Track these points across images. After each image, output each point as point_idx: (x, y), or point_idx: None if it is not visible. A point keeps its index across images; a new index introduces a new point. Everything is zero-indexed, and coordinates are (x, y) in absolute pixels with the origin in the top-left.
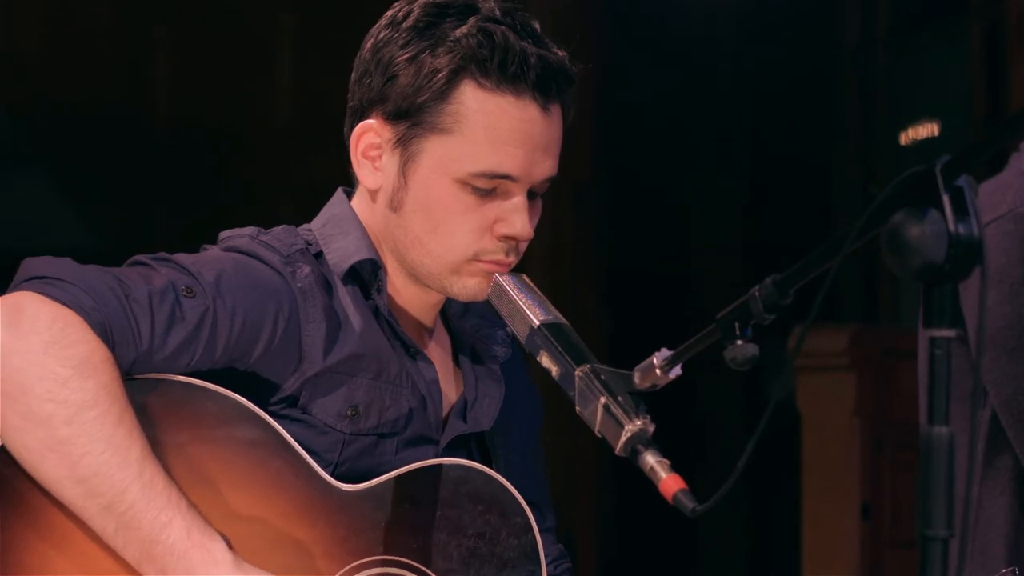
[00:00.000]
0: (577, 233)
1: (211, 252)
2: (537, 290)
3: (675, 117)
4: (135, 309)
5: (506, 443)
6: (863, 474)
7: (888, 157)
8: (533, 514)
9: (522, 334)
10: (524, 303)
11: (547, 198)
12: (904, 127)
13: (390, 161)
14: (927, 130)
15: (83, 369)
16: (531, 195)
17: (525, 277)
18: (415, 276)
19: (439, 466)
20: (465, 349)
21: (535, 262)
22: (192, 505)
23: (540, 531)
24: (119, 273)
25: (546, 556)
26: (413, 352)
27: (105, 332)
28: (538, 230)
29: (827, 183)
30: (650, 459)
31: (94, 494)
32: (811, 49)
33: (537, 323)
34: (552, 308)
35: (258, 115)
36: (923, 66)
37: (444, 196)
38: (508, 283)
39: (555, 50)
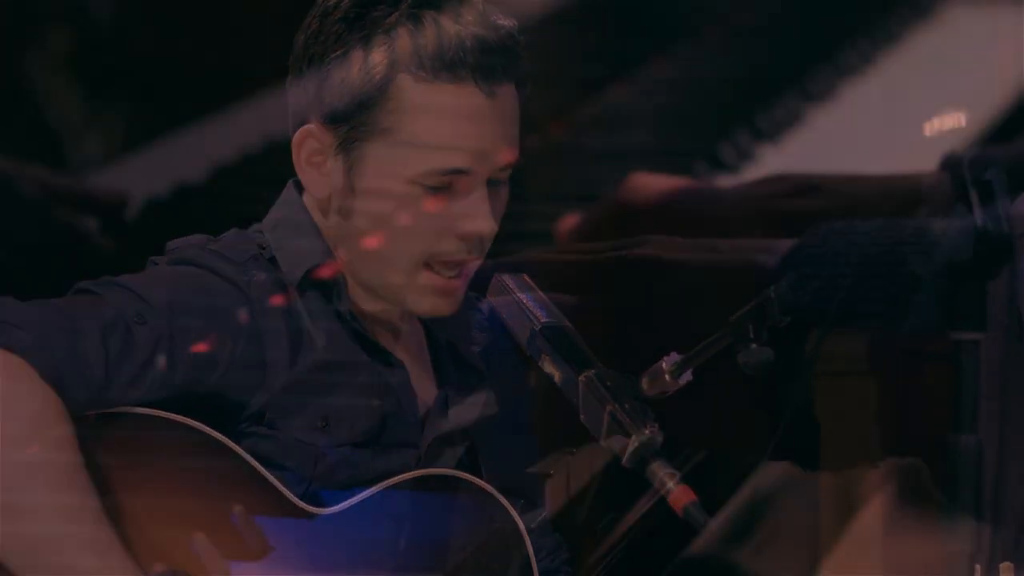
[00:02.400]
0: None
1: (159, 269)
2: (539, 291)
3: (680, 112)
4: (85, 344)
5: (491, 434)
6: (884, 484)
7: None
8: (525, 508)
9: (523, 337)
10: (525, 304)
11: (548, 197)
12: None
13: (335, 167)
14: (953, 120)
15: (32, 427)
16: (493, 183)
17: (526, 277)
18: (368, 289)
19: (420, 478)
20: (441, 339)
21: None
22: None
23: (533, 526)
24: (64, 306)
25: (541, 549)
26: (382, 354)
27: (54, 374)
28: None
29: None
30: (659, 470)
31: (44, 565)
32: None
33: (538, 325)
34: (555, 310)
35: None
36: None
37: (396, 200)
38: (509, 283)
39: (499, 22)
